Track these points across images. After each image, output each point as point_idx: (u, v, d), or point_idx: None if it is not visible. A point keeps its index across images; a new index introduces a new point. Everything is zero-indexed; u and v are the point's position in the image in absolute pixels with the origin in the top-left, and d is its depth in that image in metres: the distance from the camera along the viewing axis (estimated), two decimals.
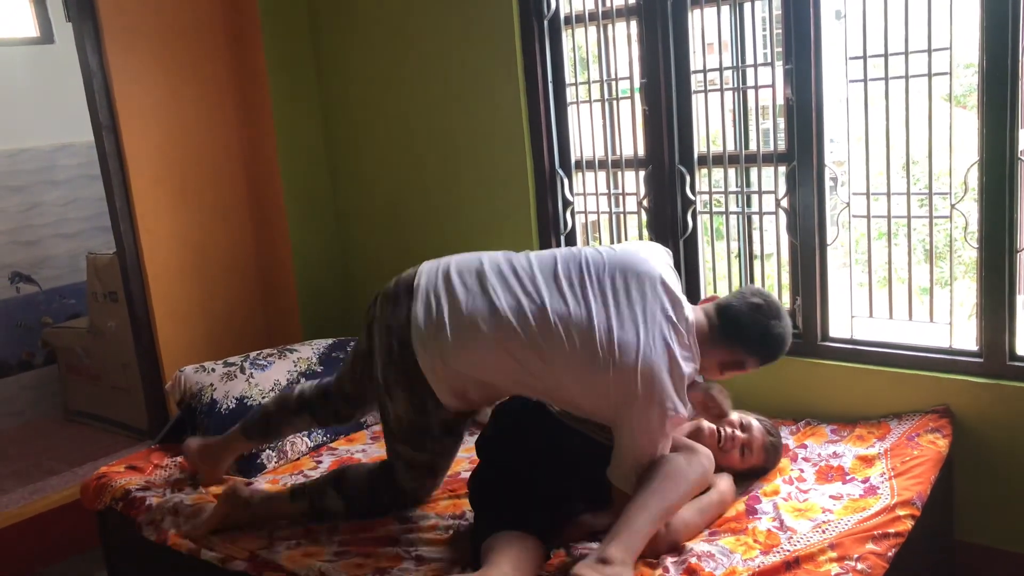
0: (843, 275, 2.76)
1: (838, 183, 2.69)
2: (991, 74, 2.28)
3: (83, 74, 3.20)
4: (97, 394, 4.37)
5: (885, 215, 2.57)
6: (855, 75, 2.52)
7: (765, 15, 2.79)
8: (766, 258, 2.93)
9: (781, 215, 2.70)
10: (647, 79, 2.83)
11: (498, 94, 3.12)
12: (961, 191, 2.42)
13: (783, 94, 2.61)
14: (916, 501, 2.07)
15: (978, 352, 2.46)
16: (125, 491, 2.58)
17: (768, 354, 2.13)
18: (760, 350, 2.12)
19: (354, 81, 3.53)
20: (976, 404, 2.44)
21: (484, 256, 2.19)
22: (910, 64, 2.42)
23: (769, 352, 2.13)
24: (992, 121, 2.30)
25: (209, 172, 3.48)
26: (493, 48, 3.09)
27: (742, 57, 2.71)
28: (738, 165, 2.79)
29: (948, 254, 2.55)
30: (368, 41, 3.46)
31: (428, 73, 3.32)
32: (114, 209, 3.29)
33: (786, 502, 2.17)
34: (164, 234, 3.37)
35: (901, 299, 2.62)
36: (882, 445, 2.35)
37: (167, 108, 3.36)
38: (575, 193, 3.14)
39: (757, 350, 2.12)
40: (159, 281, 3.37)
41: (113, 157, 3.24)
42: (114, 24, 3.17)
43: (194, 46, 3.43)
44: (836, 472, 2.28)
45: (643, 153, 2.92)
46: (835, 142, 2.69)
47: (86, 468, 3.51)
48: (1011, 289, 2.38)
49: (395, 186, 3.52)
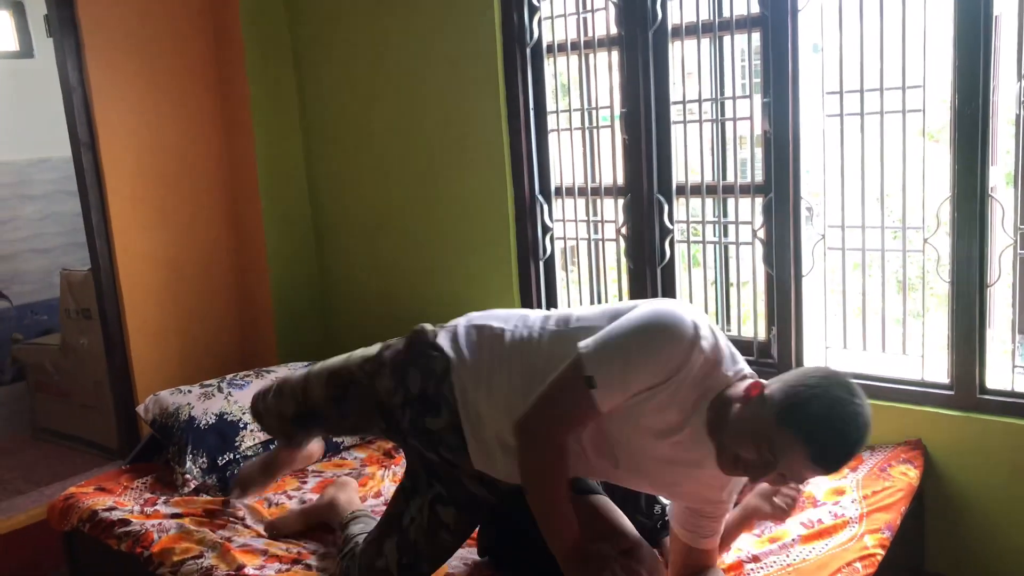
0: (818, 306, 2.79)
1: (814, 215, 2.73)
2: (963, 112, 2.33)
3: (63, 89, 3.19)
4: (67, 412, 4.31)
5: (860, 248, 2.61)
6: (831, 110, 2.56)
7: (744, 47, 2.84)
8: (742, 287, 2.95)
9: (757, 245, 2.73)
10: (627, 108, 2.86)
11: (480, 120, 3.14)
12: (934, 225, 2.46)
13: (761, 126, 2.65)
14: (886, 532, 2.08)
15: (949, 385, 2.49)
16: (92, 512, 2.54)
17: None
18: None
19: (335, 103, 3.54)
20: (947, 437, 2.47)
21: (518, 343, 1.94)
22: (885, 100, 2.46)
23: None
24: (963, 158, 2.34)
25: (188, 191, 3.47)
26: (476, 74, 3.12)
27: (721, 89, 2.74)
28: (716, 195, 2.82)
29: (921, 286, 2.58)
30: (350, 64, 3.48)
31: (410, 98, 3.33)
32: (90, 225, 3.27)
33: (758, 538, 2.17)
34: (140, 252, 3.35)
35: (875, 330, 2.65)
36: (854, 476, 2.37)
37: (147, 125, 3.35)
38: (554, 219, 3.16)
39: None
40: (134, 299, 3.34)
41: (91, 173, 3.22)
42: (95, 40, 3.17)
43: (175, 64, 3.43)
44: (807, 499, 2.29)
45: (622, 181, 2.95)
46: (811, 172, 2.73)
47: (54, 488, 3.44)
48: (982, 323, 2.42)
49: (375, 209, 3.52)
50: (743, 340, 2.84)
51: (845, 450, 1.60)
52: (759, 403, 1.64)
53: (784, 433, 1.58)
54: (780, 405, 1.60)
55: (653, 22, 2.77)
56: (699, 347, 1.68)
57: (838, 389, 1.60)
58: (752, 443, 1.62)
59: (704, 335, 1.69)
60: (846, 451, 1.61)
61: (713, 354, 1.71)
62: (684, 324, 1.68)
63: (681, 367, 1.67)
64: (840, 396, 1.59)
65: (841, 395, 1.60)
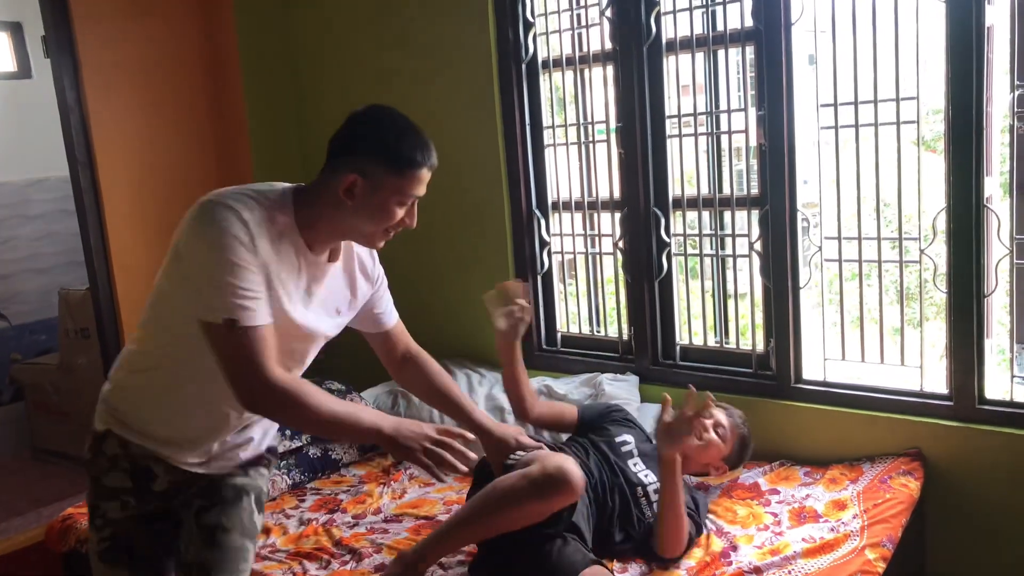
0: (816, 317, 2.79)
1: (810, 226, 2.73)
2: (957, 123, 2.34)
3: (60, 110, 3.20)
4: (65, 432, 4.30)
5: (857, 259, 2.61)
6: (826, 122, 2.57)
7: (739, 60, 2.86)
8: (740, 299, 2.95)
9: (754, 257, 2.73)
10: (623, 123, 2.87)
11: (476, 135, 3.15)
12: (930, 235, 2.47)
13: (756, 139, 2.65)
14: (887, 543, 2.08)
15: (948, 395, 2.49)
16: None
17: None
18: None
19: (333, 119, 3.53)
20: (947, 447, 2.46)
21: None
22: (879, 112, 2.47)
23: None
24: (958, 168, 2.35)
25: (185, 209, 3.45)
26: (472, 90, 3.13)
27: (716, 102, 2.76)
28: (712, 208, 2.83)
29: (919, 296, 2.59)
30: (347, 79, 3.49)
31: (407, 113, 3.32)
32: (88, 245, 3.27)
33: (759, 550, 2.16)
34: (139, 271, 3.34)
35: (873, 341, 2.65)
36: (855, 488, 2.36)
37: (144, 144, 3.35)
38: (552, 233, 3.16)
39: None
40: (133, 319, 3.33)
41: (89, 193, 3.23)
42: (92, 60, 3.18)
43: (172, 84, 3.44)
44: (809, 514, 2.29)
45: (619, 195, 2.95)
46: (808, 183, 2.74)
47: (52, 508, 3.44)
48: (979, 333, 2.42)
49: None
50: (741, 352, 2.84)
51: (416, 139, 1.66)
52: (327, 187, 1.64)
53: (368, 170, 1.61)
54: (343, 154, 1.66)
55: (647, 37, 2.78)
56: (241, 215, 1.59)
57: (376, 109, 1.69)
58: (362, 216, 1.65)
59: (233, 204, 1.61)
60: (418, 140, 1.66)
61: (256, 208, 1.62)
62: (222, 212, 1.59)
63: (253, 240, 1.57)
64: (381, 108, 1.69)
65: (381, 109, 1.69)
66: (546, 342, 3.23)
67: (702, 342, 2.93)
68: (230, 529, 1.76)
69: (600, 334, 3.17)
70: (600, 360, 3.07)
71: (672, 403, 2.15)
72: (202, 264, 1.56)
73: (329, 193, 1.63)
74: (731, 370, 2.83)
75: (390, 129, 1.65)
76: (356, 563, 2.30)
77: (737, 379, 2.80)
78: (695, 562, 2.13)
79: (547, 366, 3.16)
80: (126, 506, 1.72)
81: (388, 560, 2.25)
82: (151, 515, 1.75)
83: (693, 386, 2.16)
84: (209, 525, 1.75)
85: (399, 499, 2.68)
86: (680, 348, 2.95)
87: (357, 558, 2.32)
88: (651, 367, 2.95)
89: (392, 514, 2.59)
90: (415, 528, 2.48)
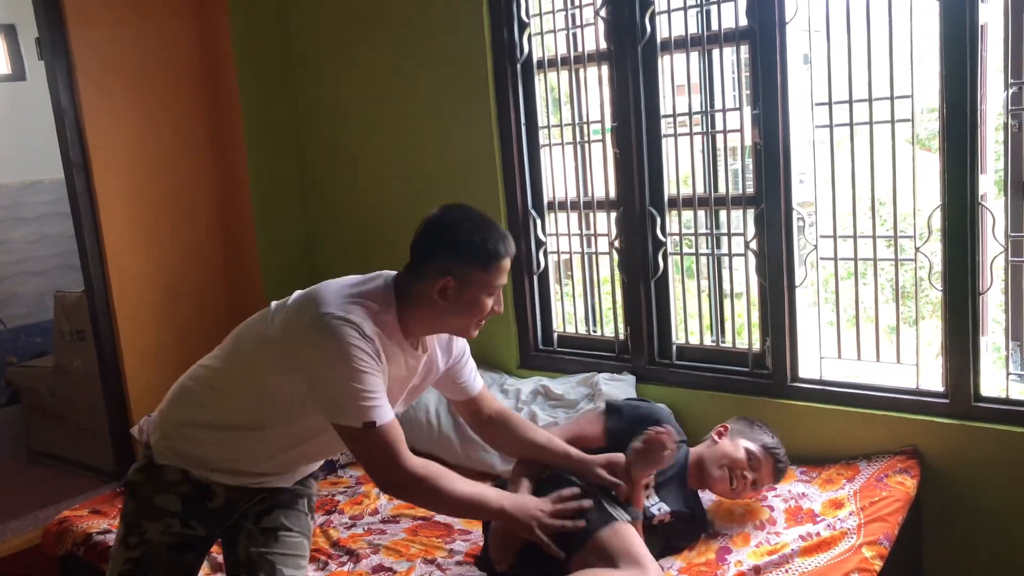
0: (812, 315, 2.80)
1: (806, 224, 2.74)
2: (951, 121, 2.34)
3: (54, 112, 3.19)
4: (61, 435, 4.28)
5: (852, 257, 2.61)
6: (821, 120, 2.57)
7: (734, 59, 2.86)
8: (736, 298, 2.96)
9: (750, 256, 2.73)
10: (618, 122, 2.87)
11: (472, 136, 3.15)
12: (926, 233, 2.47)
13: (751, 138, 2.66)
14: (884, 541, 2.08)
15: (944, 393, 2.49)
16: (87, 535, 2.53)
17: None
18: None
19: (328, 120, 3.55)
20: (943, 445, 2.47)
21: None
22: (874, 110, 2.48)
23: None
24: (953, 167, 2.35)
25: (181, 211, 3.47)
26: (467, 91, 3.13)
27: (711, 102, 2.76)
28: (708, 207, 2.83)
29: (914, 294, 2.59)
30: (342, 80, 3.49)
31: (403, 116, 3.34)
32: (83, 247, 3.26)
33: (756, 549, 2.16)
34: (134, 273, 3.34)
35: (869, 339, 2.65)
36: (851, 486, 2.37)
37: (139, 146, 3.35)
38: (547, 233, 3.16)
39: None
40: (128, 321, 3.33)
41: (83, 195, 3.22)
42: (87, 62, 3.18)
43: (167, 85, 3.43)
44: (806, 514, 2.29)
45: (614, 195, 2.95)
46: (804, 182, 2.74)
47: (48, 511, 3.42)
48: (975, 331, 2.42)
49: (368, 227, 3.53)
50: (737, 351, 2.85)
51: (496, 233, 1.75)
52: (419, 290, 1.77)
53: (458, 271, 1.73)
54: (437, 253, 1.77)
55: (642, 36, 2.78)
56: (361, 328, 1.69)
57: (451, 211, 1.79)
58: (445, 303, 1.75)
59: (348, 315, 1.70)
60: (498, 234, 1.75)
61: (367, 318, 1.72)
62: (341, 327, 1.69)
63: (373, 342, 1.69)
64: (454, 209, 1.79)
65: (455, 210, 1.79)
66: (542, 342, 3.23)
67: (698, 341, 2.94)
68: (291, 528, 1.92)
69: (596, 334, 3.17)
70: (596, 360, 3.07)
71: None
72: (331, 375, 1.67)
73: (423, 296, 1.76)
74: (727, 369, 2.83)
75: (472, 230, 1.75)
76: (354, 564, 2.30)
77: (733, 378, 2.80)
78: (694, 563, 2.13)
79: (543, 366, 3.16)
80: (167, 529, 1.82)
81: (386, 561, 2.25)
82: (184, 542, 1.84)
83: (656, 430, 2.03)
84: (272, 527, 1.90)
85: (396, 500, 2.68)
86: (676, 347, 2.96)
87: (355, 559, 2.32)
88: (647, 366, 2.96)
89: (389, 515, 2.59)
90: (412, 529, 2.48)
